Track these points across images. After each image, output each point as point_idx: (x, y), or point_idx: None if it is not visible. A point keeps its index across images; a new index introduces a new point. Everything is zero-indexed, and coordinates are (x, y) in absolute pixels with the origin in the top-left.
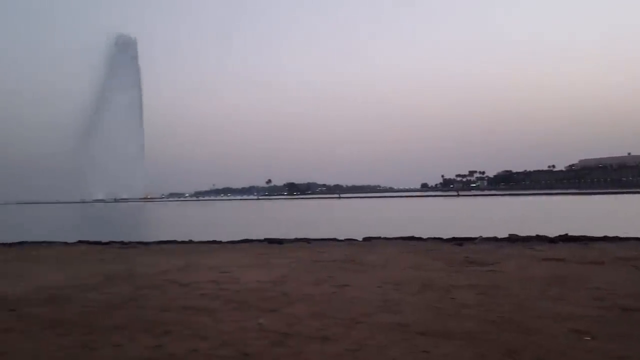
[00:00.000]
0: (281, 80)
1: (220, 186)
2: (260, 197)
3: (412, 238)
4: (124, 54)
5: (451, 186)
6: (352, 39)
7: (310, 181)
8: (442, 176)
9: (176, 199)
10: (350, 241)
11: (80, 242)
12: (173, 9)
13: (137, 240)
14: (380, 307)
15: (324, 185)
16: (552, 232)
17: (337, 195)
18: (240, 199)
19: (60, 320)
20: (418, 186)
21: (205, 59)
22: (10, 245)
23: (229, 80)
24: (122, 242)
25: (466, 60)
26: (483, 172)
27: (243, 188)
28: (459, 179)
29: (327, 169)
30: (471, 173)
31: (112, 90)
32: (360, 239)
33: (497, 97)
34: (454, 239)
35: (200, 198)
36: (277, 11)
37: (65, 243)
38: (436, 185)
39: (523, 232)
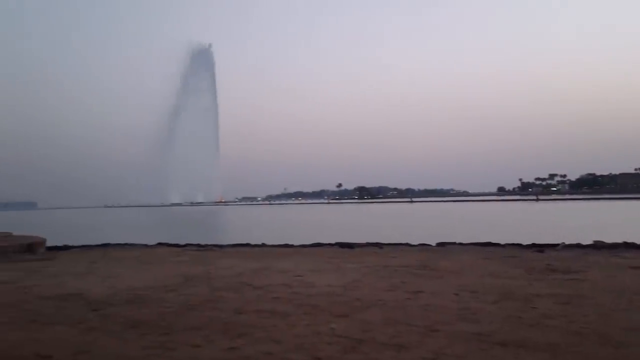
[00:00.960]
0: (352, 84)
1: (291, 190)
2: (330, 201)
3: (489, 244)
4: (199, 61)
5: (530, 190)
6: (423, 41)
7: (382, 185)
8: (520, 179)
9: (249, 202)
10: (423, 246)
11: (159, 244)
12: (247, 11)
13: (213, 243)
14: (457, 316)
15: (395, 189)
16: None
17: (408, 199)
18: (311, 203)
19: (140, 320)
20: (494, 190)
21: (278, 64)
22: (95, 247)
23: (301, 85)
24: (198, 245)
25: (546, 59)
26: (564, 175)
27: (314, 192)
28: (538, 182)
29: (398, 173)
30: (551, 176)
31: (188, 96)
32: (434, 244)
33: (579, 96)
34: (534, 245)
35: (272, 202)
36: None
37: (146, 245)
38: (514, 189)
39: (609, 239)
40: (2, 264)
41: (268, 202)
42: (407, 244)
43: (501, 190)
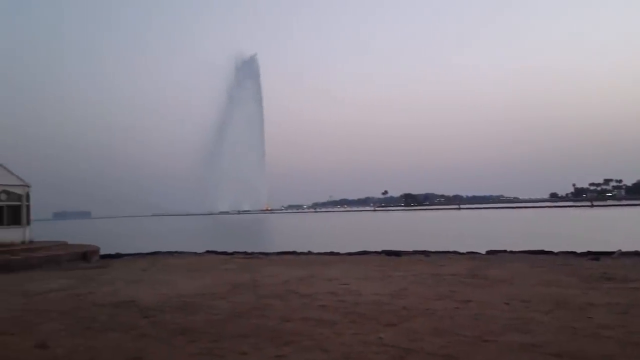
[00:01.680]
0: (398, 89)
1: (337, 197)
2: (376, 209)
3: (541, 252)
4: (244, 71)
5: (584, 196)
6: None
7: (428, 192)
8: (574, 185)
9: (295, 210)
10: (472, 254)
11: (207, 252)
12: (289, 17)
13: (259, 250)
14: (509, 326)
15: (442, 195)
16: None
17: (456, 206)
18: (357, 210)
19: (189, 327)
20: (546, 196)
21: (322, 69)
22: (146, 255)
23: (346, 90)
24: (245, 253)
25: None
26: (620, 181)
27: (359, 199)
28: (592, 188)
29: (446, 179)
30: (606, 181)
31: (234, 106)
32: (483, 252)
33: (634, 97)
34: (589, 253)
35: (318, 209)
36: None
37: (194, 253)
38: (567, 194)
39: None
40: (58, 271)
41: (314, 210)
42: (455, 252)
43: (553, 196)
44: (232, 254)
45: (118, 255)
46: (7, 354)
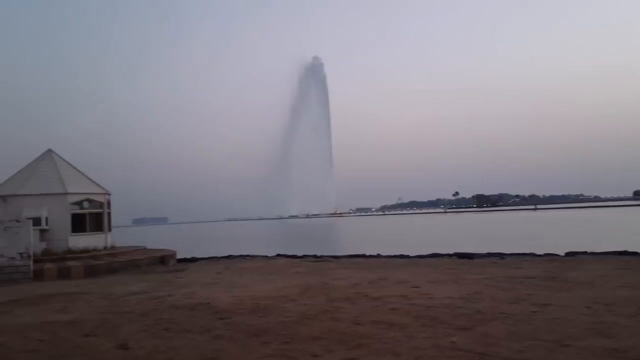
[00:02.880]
0: (467, 84)
1: (405, 200)
2: (447, 210)
3: (625, 253)
4: (310, 75)
5: None
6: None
7: (502, 192)
8: None
9: (363, 213)
10: (550, 256)
11: (278, 255)
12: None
13: (329, 254)
14: (590, 330)
15: (517, 196)
16: None
17: (532, 207)
18: (427, 213)
19: (263, 329)
20: (630, 194)
21: (389, 69)
22: (220, 258)
23: (412, 90)
24: (315, 256)
25: None
26: None
27: (429, 201)
28: None
29: (520, 178)
30: None
31: (301, 111)
32: (562, 254)
33: None
34: None
35: (387, 212)
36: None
37: (266, 257)
38: None
39: None
40: (138, 275)
41: (382, 213)
42: (531, 254)
43: (637, 195)
44: (301, 257)
45: (194, 259)
46: (91, 354)
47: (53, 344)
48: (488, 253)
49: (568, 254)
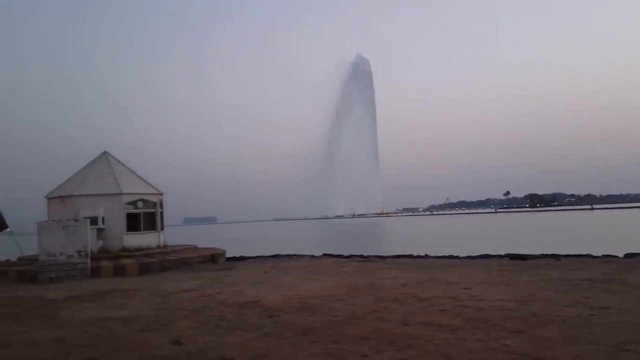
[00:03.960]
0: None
1: (454, 200)
2: (498, 210)
3: None
4: (357, 74)
5: None
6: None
7: (556, 191)
8: None
9: (410, 213)
10: (608, 258)
11: (325, 255)
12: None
13: (375, 254)
14: None
15: (572, 195)
16: None
17: (589, 207)
18: (476, 213)
19: (311, 328)
20: None
21: (434, 71)
22: (267, 257)
23: (461, 87)
24: (361, 256)
25: None
26: None
27: (479, 201)
28: None
29: (575, 177)
30: None
31: (348, 110)
32: (621, 256)
33: None
34: None
35: (434, 212)
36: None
37: (312, 256)
38: None
39: None
40: (189, 273)
41: (430, 213)
42: (588, 255)
43: None
44: (348, 257)
45: (242, 258)
46: (146, 349)
47: (110, 339)
48: (542, 254)
49: (627, 256)
